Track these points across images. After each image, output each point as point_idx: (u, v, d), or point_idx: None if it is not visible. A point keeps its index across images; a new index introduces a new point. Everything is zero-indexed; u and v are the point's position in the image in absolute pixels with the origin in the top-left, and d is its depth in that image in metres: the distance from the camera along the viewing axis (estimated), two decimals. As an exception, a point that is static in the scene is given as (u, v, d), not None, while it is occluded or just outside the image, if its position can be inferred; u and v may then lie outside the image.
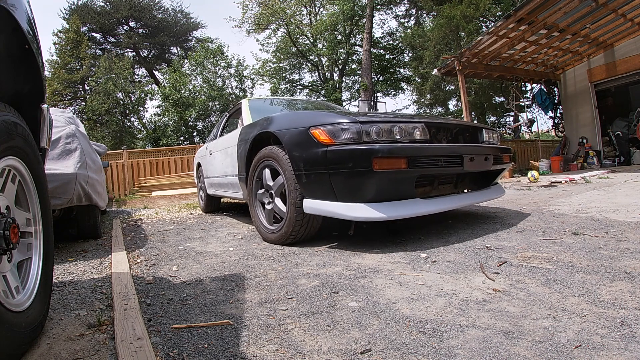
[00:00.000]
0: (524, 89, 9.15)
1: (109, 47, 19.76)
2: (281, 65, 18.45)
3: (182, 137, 16.42)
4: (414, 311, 1.15)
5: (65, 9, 21.00)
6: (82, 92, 18.39)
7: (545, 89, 8.63)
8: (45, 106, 1.27)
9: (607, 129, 8.05)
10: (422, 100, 16.87)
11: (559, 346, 0.89)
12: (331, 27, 15.56)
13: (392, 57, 18.81)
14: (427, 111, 17.00)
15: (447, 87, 15.05)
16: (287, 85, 18.72)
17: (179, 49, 21.33)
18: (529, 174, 5.74)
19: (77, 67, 17.70)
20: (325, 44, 16.71)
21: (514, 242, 1.90)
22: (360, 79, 15.67)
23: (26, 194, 1.15)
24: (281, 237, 2.20)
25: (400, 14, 18.31)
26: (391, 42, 18.76)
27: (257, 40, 28.76)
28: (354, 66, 18.41)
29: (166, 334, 1.11)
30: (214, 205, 4.42)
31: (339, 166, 1.82)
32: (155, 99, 17.67)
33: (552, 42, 7.15)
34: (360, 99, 13.14)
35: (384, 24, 32.05)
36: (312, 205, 2.00)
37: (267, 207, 2.38)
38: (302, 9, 17.40)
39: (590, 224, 2.21)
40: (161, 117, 16.64)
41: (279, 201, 2.27)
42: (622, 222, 2.20)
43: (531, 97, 8.92)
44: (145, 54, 20.85)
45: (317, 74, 18.82)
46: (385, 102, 5.35)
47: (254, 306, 1.28)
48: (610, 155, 7.99)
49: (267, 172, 2.37)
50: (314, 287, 1.43)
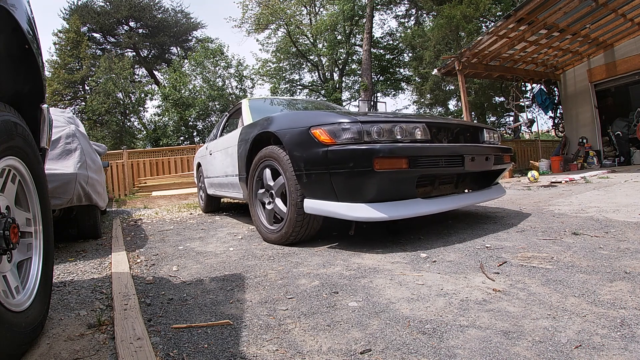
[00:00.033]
0: (524, 89, 9.15)
1: (109, 47, 19.77)
2: (281, 65, 18.45)
3: (182, 137, 16.43)
4: (414, 311, 1.15)
5: (65, 9, 21.05)
6: (82, 92, 18.40)
7: (545, 89, 8.63)
8: (45, 106, 1.27)
9: (607, 129, 8.05)
10: (422, 100, 16.87)
11: (559, 346, 0.89)
12: (331, 27, 15.56)
13: (392, 57, 18.81)
14: (427, 111, 17.00)
15: (447, 87, 15.05)
16: (287, 85, 18.72)
17: (179, 49, 21.34)
18: (529, 174, 5.74)
19: (77, 67, 17.71)
20: (325, 44, 16.71)
21: (514, 242, 1.90)
22: (360, 79, 15.67)
23: (26, 194, 1.15)
24: (281, 238, 2.20)
25: (400, 14, 18.35)
26: (391, 42, 18.77)
27: (257, 40, 28.80)
28: (354, 66, 18.41)
29: (166, 334, 1.11)
30: (214, 205, 4.42)
31: (339, 166, 1.82)
32: (155, 99, 17.71)
33: (552, 42, 7.15)
34: (360, 99, 13.14)
35: (384, 24, 32.12)
36: (312, 205, 2.00)
37: (268, 207, 2.38)
38: (302, 9, 17.41)
39: (590, 224, 2.21)
40: (161, 117, 16.66)
41: (279, 201, 2.27)
42: (622, 222, 2.20)
43: (531, 97, 8.92)
44: (145, 54, 20.86)
45: (317, 74, 18.83)
46: (385, 102, 5.34)
47: (254, 306, 1.28)
48: (610, 155, 7.99)
49: (267, 172, 2.37)
50: (314, 287, 1.43)
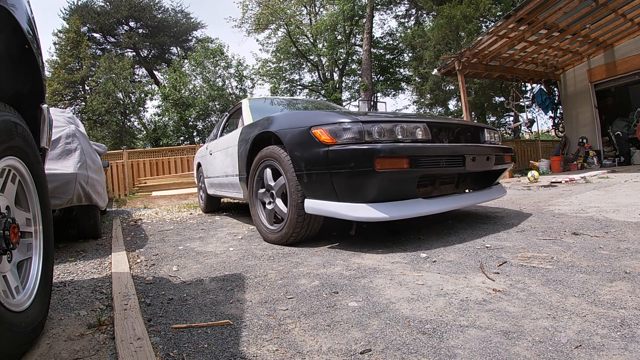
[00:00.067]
0: (524, 89, 9.14)
1: (109, 47, 19.77)
2: (281, 65, 18.44)
3: (182, 137, 16.43)
4: (414, 311, 1.15)
5: (65, 9, 21.05)
6: (82, 92, 18.40)
7: (545, 89, 8.63)
8: (45, 106, 1.27)
9: (607, 129, 8.05)
10: (422, 100, 16.87)
11: (559, 346, 0.89)
12: (331, 27, 15.55)
13: (392, 57, 18.80)
14: (427, 111, 16.99)
15: (447, 87, 15.05)
16: (287, 85, 18.72)
17: (179, 49, 21.34)
18: (529, 174, 5.74)
19: (77, 67, 17.71)
20: (325, 44, 16.71)
21: (514, 242, 1.89)
22: (360, 79, 15.67)
23: (26, 194, 1.15)
24: (282, 238, 2.20)
25: (400, 14, 18.34)
26: (391, 42, 18.76)
27: (257, 40, 28.82)
28: (354, 66, 18.40)
29: (166, 334, 1.11)
30: (214, 205, 4.42)
31: (340, 166, 1.82)
32: (155, 99, 17.71)
33: (552, 42, 7.14)
34: (360, 99, 13.15)
35: (384, 24, 32.13)
36: (313, 205, 1.99)
37: (268, 207, 2.38)
38: (302, 9, 17.40)
39: (590, 224, 2.21)
40: (161, 117, 16.66)
41: (279, 202, 2.27)
42: (622, 222, 2.20)
43: (531, 97, 8.92)
44: (145, 54, 20.86)
45: (317, 74, 18.82)
46: (385, 102, 5.35)
47: (254, 306, 1.28)
48: (610, 155, 7.99)
49: (268, 172, 2.37)
50: (314, 287, 1.43)
